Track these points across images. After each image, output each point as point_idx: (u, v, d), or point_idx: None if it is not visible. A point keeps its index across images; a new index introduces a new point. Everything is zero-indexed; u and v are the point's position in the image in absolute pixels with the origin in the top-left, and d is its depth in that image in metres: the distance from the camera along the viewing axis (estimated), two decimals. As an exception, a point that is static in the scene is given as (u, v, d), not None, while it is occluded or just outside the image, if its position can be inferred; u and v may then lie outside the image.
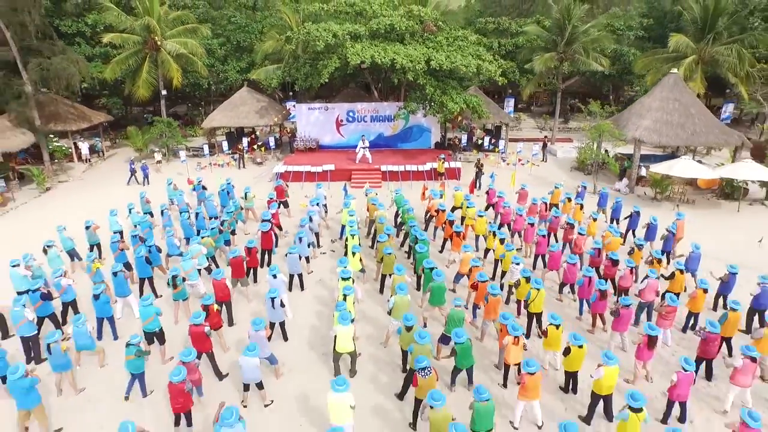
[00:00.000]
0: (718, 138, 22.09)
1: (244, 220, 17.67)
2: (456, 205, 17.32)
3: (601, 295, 10.65)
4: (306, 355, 10.56)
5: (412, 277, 12.86)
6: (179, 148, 28.96)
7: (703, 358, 9.44)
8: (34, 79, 23.45)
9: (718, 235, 17.05)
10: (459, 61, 22.84)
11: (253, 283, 13.30)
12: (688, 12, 30.05)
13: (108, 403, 9.20)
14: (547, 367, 9.93)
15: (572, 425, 6.67)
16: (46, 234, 15.00)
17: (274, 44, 29.09)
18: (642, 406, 7.07)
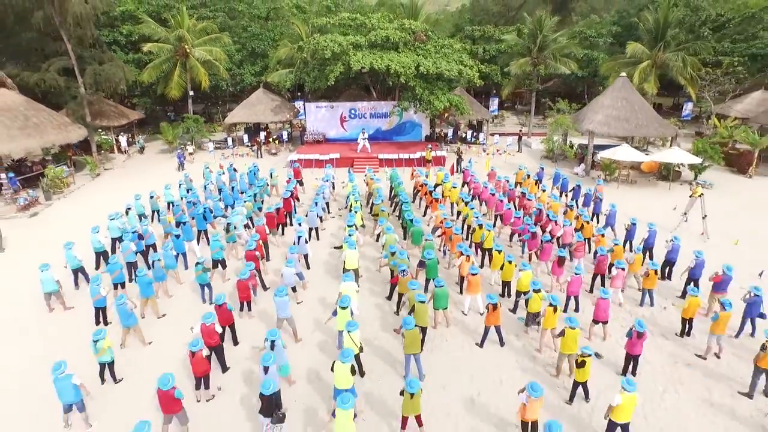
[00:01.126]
0: (656, 130, 26.19)
1: (269, 194, 21.75)
2: (437, 182, 21.35)
3: (533, 236, 14.73)
4: (322, 277, 14.61)
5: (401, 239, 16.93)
6: (203, 141, 33.13)
7: (598, 273, 13.50)
8: (89, 83, 27.53)
9: (646, 205, 21.10)
10: (444, 67, 26.89)
11: (281, 236, 17.39)
12: (644, 23, 34.11)
13: (186, 307, 13.23)
14: (492, 283, 13.97)
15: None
16: (108, 207, 19.02)
17: (286, 51, 33.08)
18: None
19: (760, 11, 37.94)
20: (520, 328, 11.98)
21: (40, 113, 25.05)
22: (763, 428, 8.81)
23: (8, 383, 10.32)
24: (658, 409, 9.34)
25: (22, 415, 9.40)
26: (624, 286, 13.33)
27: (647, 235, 14.99)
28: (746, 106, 34.25)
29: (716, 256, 15.13)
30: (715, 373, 10.38)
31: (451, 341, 11.51)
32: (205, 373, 9.44)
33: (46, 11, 25.26)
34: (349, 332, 9.54)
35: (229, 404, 9.58)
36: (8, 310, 13.29)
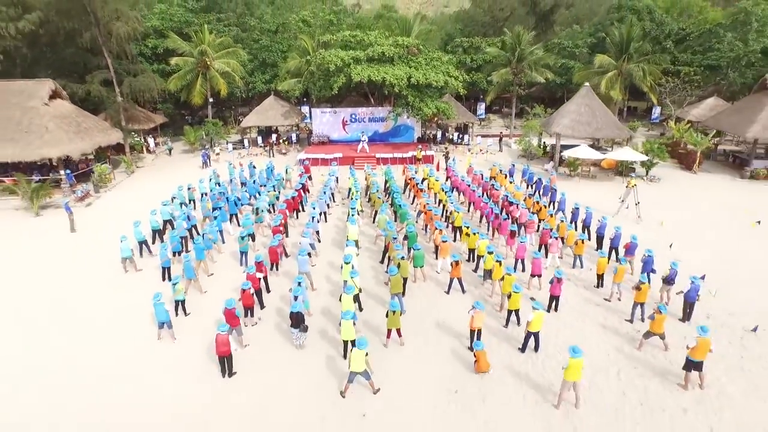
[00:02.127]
0: (613, 133, 30.09)
1: (284, 187, 25.68)
2: (424, 176, 25.25)
3: (495, 217, 18.65)
4: (329, 247, 18.50)
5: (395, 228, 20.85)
6: (221, 142, 37.01)
7: (542, 243, 17.39)
8: (126, 92, 31.43)
9: (599, 195, 24.98)
10: (432, 77, 30.80)
11: (296, 219, 21.31)
12: (611, 38, 38.02)
13: (226, 269, 17.12)
14: (462, 253, 17.85)
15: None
16: (146, 198, 22.95)
17: (295, 63, 36.95)
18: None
19: (716, 26, 41.81)
20: (479, 282, 15.88)
21: (88, 119, 28.98)
22: (633, 339, 12.71)
23: (104, 320, 14.24)
24: (567, 329, 13.24)
25: (121, 336, 13.31)
26: (561, 252, 17.22)
27: (585, 216, 18.93)
28: (701, 111, 38.19)
29: (644, 233, 19.10)
30: (612, 308, 14.30)
31: (426, 290, 15.42)
32: (251, 306, 13.35)
33: (93, 32, 29.16)
34: (352, 278, 13.43)
35: (266, 327, 13.49)
36: (92, 272, 17.20)
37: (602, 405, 10.50)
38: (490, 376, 11.38)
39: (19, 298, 15.57)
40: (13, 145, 24.59)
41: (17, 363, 12.27)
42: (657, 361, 11.94)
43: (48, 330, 13.73)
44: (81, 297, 15.52)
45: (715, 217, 22.21)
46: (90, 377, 11.66)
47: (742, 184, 28.17)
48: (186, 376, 11.64)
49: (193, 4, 42.45)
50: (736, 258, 17.71)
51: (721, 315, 14.00)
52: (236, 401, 10.77)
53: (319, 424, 10.13)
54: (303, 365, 11.93)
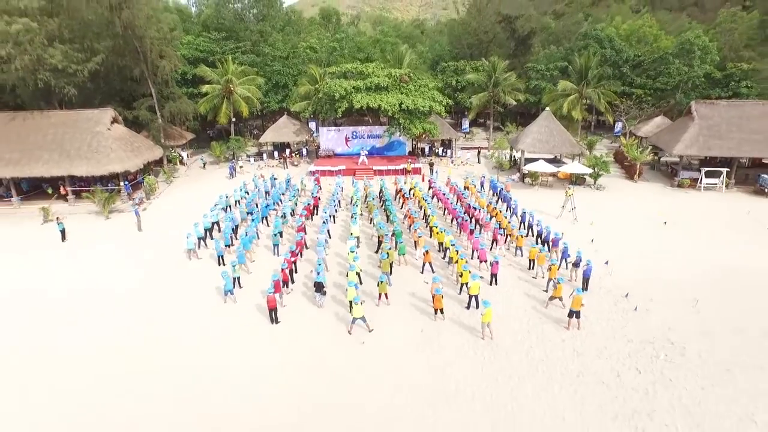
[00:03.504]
0: (567, 150, 36.03)
1: (300, 195, 31.65)
2: (411, 187, 31.21)
3: (462, 219, 24.61)
4: (337, 242, 24.41)
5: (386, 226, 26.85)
6: (240, 155, 42.94)
7: (494, 239, 23.35)
8: (166, 116, 37.38)
9: (550, 201, 30.91)
10: (419, 103, 36.77)
11: (311, 220, 27.27)
12: (572, 65, 44.01)
13: (263, 257, 23.04)
14: (433, 246, 23.76)
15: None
16: (188, 202, 28.93)
17: (305, 88, 42.90)
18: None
19: (666, 54, 47.81)
20: (446, 266, 21.83)
21: (138, 139, 34.96)
22: (543, 301, 18.66)
23: (180, 291, 20.19)
24: (500, 295, 19.18)
25: (195, 302, 19.27)
26: (502, 244, 23.16)
27: (530, 217, 24.98)
28: (649, 128, 44.14)
29: (577, 231, 25.11)
30: (535, 283, 20.27)
31: (407, 270, 21.37)
32: (286, 280, 19.30)
33: (141, 68, 35.12)
34: (355, 260, 19.41)
35: (295, 295, 19.44)
36: (163, 260, 23.14)
37: (516, 336, 16.47)
38: (443, 321, 17.35)
39: (114, 280, 21.54)
40: (86, 162, 30.51)
41: (127, 319, 18.27)
42: (556, 314, 17.90)
43: (142, 300, 19.70)
44: (159, 276, 21.50)
45: (636, 218, 28.15)
46: (177, 328, 17.63)
47: (670, 192, 34.13)
48: (245, 324, 17.61)
49: (216, 35, 48.37)
50: (639, 248, 23.66)
51: (611, 287, 19.95)
52: (279, 337, 16.75)
53: (333, 348, 16.08)
54: (322, 316, 17.90)
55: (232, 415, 13.23)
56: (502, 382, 14.33)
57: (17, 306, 19.38)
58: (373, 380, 14.53)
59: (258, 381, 14.57)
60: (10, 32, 27.12)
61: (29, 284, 21.19)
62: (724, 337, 16.40)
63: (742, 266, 21.58)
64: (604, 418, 12.88)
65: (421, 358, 15.51)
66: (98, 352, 16.16)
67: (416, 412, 13.21)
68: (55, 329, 17.72)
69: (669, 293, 19.34)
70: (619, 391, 13.90)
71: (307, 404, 13.57)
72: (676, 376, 14.52)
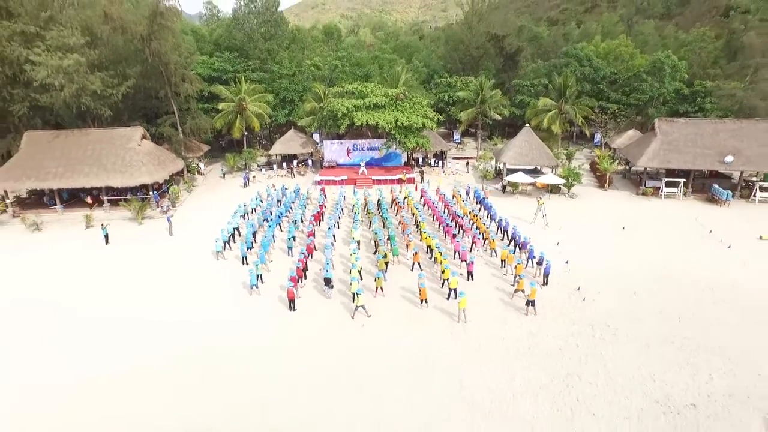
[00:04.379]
0: (545, 161, 40.13)
1: (308, 204, 35.75)
2: (405, 196, 35.29)
3: (447, 226, 28.73)
4: (341, 245, 28.50)
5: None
6: (251, 165, 47.04)
7: (473, 242, 27.48)
8: (187, 131, 41.49)
9: (526, 208, 35.00)
10: (413, 120, 40.89)
11: (318, 226, 31.37)
12: (552, 83, 48.15)
13: (279, 257, 27.14)
14: (422, 248, 27.87)
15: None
16: (209, 209, 33.09)
17: (311, 105, 47.00)
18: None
19: (640, 71, 51.97)
20: (431, 264, 25.92)
21: (163, 153, 39.06)
22: (509, 293, 22.75)
23: (210, 286, 24.29)
24: (473, 287, 23.27)
25: (223, 294, 23.37)
26: (480, 246, 27.25)
27: (505, 223, 29.10)
28: (623, 140, 48.25)
29: (546, 235, 29.22)
30: (505, 279, 24.37)
31: (399, 268, 25.48)
32: (300, 276, 23.41)
33: (166, 89, 39.24)
34: (357, 260, 23.52)
35: (307, 289, 23.54)
36: (194, 260, 27.22)
37: (485, 320, 20.58)
38: (428, 309, 21.45)
39: (155, 276, 25.63)
40: (121, 175, 34.60)
41: (171, 305, 22.38)
42: (519, 303, 21.99)
43: (183, 292, 23.81)
44: (193, 273, 25.60)
45: (600, 223, 32.23)
46: (214, 312, 21.75)
47: (635, 199, 38.20)
48: (267, 311, 21.71)
49: (228, 54, 52.48)
50: (597, 250, 27.76)
51: (567, 282, 24.04)
52: (296, 321, 20.86)
53: (339, 329, 20.18)
54: (330, 305, 22.02)
55: (263, 375, 17.34)
56: (471, 354, 18.45)
57: (86, 289, 23.51)
58: (371, 353, 18.64)
59: (281, 354, 18.69)
60: (63, 66, 31.21)
61: (89, 276, 25.32)
62: (649, 321, 20.53)
63: (678, 264, 25.70)
64: (544, 379, 17.00)
65: (410, 337, 19.61)
66: (159, 322, 20.29)
67: (406, 375, 17.33)
68: (117, 305, 21.82)
69: (614, 287, 23.44)
70: (559, 360, 18.03)
71: (321, 373, 17.66)
72: (606, 350, 18.65)
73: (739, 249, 27.63)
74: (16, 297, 23.68)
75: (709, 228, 30.96)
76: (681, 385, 16.55)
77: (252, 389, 16.76)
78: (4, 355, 19.09)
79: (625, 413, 15.32)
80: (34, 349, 19.45)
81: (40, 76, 31.03)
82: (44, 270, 26.63)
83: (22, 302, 23.12)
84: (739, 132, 37.73)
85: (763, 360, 17.75)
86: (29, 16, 32.71)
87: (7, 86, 34.26)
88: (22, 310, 22.45)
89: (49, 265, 27.26)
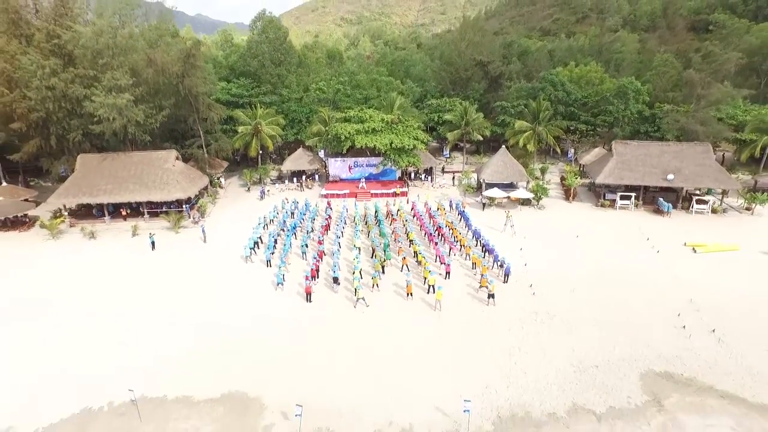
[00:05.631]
0: (518, 178, 46.45)
1: (317, 215, 42.04)
2: (398, 209, 41.55)
3: (431, 235, 35.02)
4: (345, 251, 34.77)
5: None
6: (265, 180, 53.34)
7: (450, 247, 33.76)
8: (212, 152, 47.77)
9: (498, 218, 41.28)
10: (406, 142, 47.20)
11: (326, 235, 37.65)
12: (528, 108, 54.53)
13: (296, 261, 33.43)
14: (410, 253, 34.15)
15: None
16: (234, 218, 39.45)
17: (317, 128, 53.29)
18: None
19: (607, 95, 58.32)
20: (416, 266, 32.19)
21: (192, 171, 45.34)
22: (476, 289, 29.04)
23: (241, 284, 30.56)
24: (448, 284, 29.53)
25: (253, 291, 29.65)
26: (456, 251, 33.51)
27: (478, 233, 35.42)
28: (590, 157, 54.55)
29: (513, 242, 35.51)
30: (475, 278, 30.65)
31: (391, 270, 31.74)
32: (314, 275, 29.68)
33: (194, 116, 45.56)
34: (358, 263, 29.81)
35: (320, 286, 29.80)
36: (226, 263, 33.48)
37: (455, 308, 26.86)
38: (413, 300, 27.70)
39: (199, 276, 31.89)
40: (160, 191, 40.87)
41: (214, 297, 28.68)
42: (482, 296, 28.24)
43: (221, 287, 30.07)
44: (228, 273, 31.85)
45: (560, 232, 38.46)
46: (250, 303, 28.03)
47: (594, 210, 44.47)
48: (291, 302, 28.00)
49: (243, 80, 58.82)
50: (552, 254, 34.02)
51: (524, 281, 30.29)
52: (312, 309, 27.15)
53: (344, 315, 26.46)
54: (337, 297, 28.31)
55: (292, 345, 23.62)
56: (443, 333, 24.74)
57: (146, 288, 29.78)
58: (369, 331, 24.91)
59: (302, 332, 24.97)
60: (117, 104, 37.52)
61: (149, 276, 31.58)
62: (580, 309, 26.81)
63: (615, 266, 31.98)
64: (493, 350, 23.28)
65: (398, 320, 25.90)
66: (208, 312, 26.56)
67: (394, 344, 23.59)
68: (178, 298, 28.06)
69: (560, 284, 29.69)
70: (507, 337, 24.32)
71: (331, 344, 23.92)
72: (542, 329, 24.95)
73: (666, 253, 33.97)
74: (93, 291, 29.95)
75: (647, 236, 37.27)
76: (591, 354, 22.88)
77: (285, 353, 23.05)
78: (112, 324, 25.37)
79: (546, 371, 21.64)
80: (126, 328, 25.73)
81: (100, 112, 37.38)
82: (110, 270, 32.89)
83: (97, 295, 29.40)
84: (680, 153, 44.12)
85: (654, 335, 24.09)
86: (88, 62, 39.05)
87: (66, 118, 40.57)
88: (103, 301, 28.73)
89: (113, 266, 33.52)
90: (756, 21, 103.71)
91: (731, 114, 54.45)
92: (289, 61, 64.47)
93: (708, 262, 32.51)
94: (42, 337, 25.18)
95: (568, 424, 18.79)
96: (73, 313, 27.39)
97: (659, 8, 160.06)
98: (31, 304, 28.33)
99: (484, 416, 19.14)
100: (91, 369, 22.44)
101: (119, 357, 23.32)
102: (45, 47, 39.04)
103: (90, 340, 24.78)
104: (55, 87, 38.18)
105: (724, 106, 55.60)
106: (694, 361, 22.34)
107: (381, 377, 21.41)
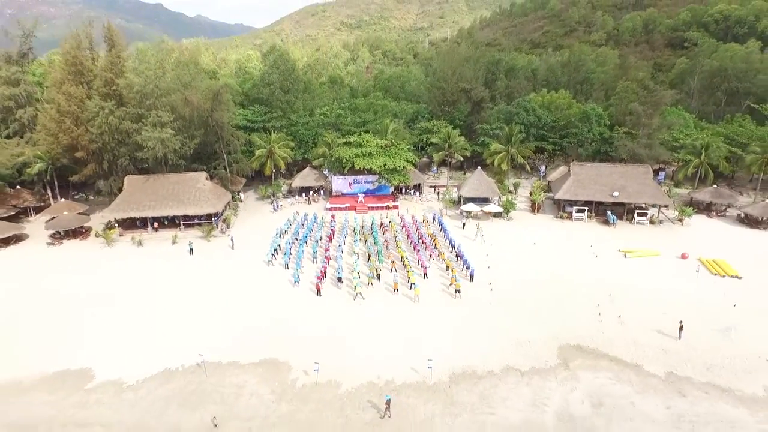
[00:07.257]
0: (491, 194, 54.60)
1: (324, 226, 50.21)
2: (389, 221, 49.67)
3: (415, 243, 43.19)
4: (346, 256, 42.87)
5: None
6: (277, 193, 61.56)
7: (431, 254, 41.94)
8: (234, 171, 55.93)
9: (473, 229, 49.40)
10: (397, 164, 55.41)
11: (331, 243, 45.79)
12: (502, 133, 62.77)
13: (308, 265, 41.57)
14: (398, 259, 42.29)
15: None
16: (255, 228, 47.59)
17: (322, 150, 61.47)
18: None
19: (572, 119, 66.53)
20: (401, 267, 40.30)
21: (218, 189, 53.54)
22: (447, 286, 37.17)
23: (264, 283, 38.75)
24: (429, 284, 37.62)
25: (275, 288, 37.82)
26: (435, 257, 41.65)
27: (453, 241, 43.61)
28: (556, 174, 62.65)
29: (481, 249, 43.67)
30: (447, 277, 38.79)
31: (382, 272, 39.86)
32: (323, 276, 37.82)
33: (219, 143, 53.76)
34: (357, 266, 37.97)
35: (328, 283, 37.91)
36: (251, 265, 41.61)
37: (430, 301, 34.97)
38: (398, 295, 35.79)
39: (232, 276, 40.00)
40: (194, 207, 49.01)
41: (244, 293, 36.82)
42: (452, 291, 36.32)
43: (250, 285, 38.18)
44: (254, 274, 39.97)
45: (522, 240, 46.55)
46: (273, 297, 36.17)
47: (554, 221, 52.56)
48: (304, 297, 36.14)
49: (258, 107, 67.08)
50: (512, 259, 42.11)
51: (485, 280, 38.32)
52: (321, 302, 35.29)
53: (346, 307, 34.61)
54: (341, 292, 36.44)
55: (307, 329, 31.76)
56: (420, 319, 32.87)
57: (192, 286, 37.87)
58: (365, 318, 33.06)
59: (314, 317, 33.11)
60: (161, 137, 45.75)
61: (192, 276, 39.67)
62: (526, 301, 34.90)
63: (559, 268, 40.05)
64: (454, 329, 31.40)
65: (387, 309, 34.03)
66: (243, 305, 34.67)
67: (383, 326, 31.71)
68: (218, 294, 36.14)
69: (514, 282, 37.77)
70: (465, 321, 32.44)
71: (337, 328, 32.04)
72: (492, 314, 33.09)
73: (603, 258, 42.14)
74: (149, 286, 38.03)
75: (590, 243, 45.41)
76: (525, 331, 31.01)
77: (303, 332, 31.17)
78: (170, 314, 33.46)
79: (490, 343, 29.81)
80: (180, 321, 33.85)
81: (148, 144, 45.69)
82: (159, 271, 41.02)
83: (153, 289, 37.51)
84: (625, 173, 52.34)
85: (577, 320, 32.22)
86: (137, 102, 47.33)
87: (117, 147, 48.84)
88: (161, 298, 36.85)
89: (161, 268, 41.65)
90: (724, 41, 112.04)
91: (676, 137, 62.61)
92: (296, 87, 72.66)
93: (633, 265, 40.67)
94: (113, 320, 33.39)
95: (501, 378, 26.93)
96: (136, 304, 35.56)
97: (640, 24, 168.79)
98: (101, 298, 36.47)
99: (443, 372, 27.26)
100: (164, 342, 30.60)
101: (181, 334, 31.47)
102: (102, 91, 47.32)
103: (155, 323, 32.93)
104: (111, 123, 46.44)
105: (675, 128, 63.67)
106: (599, 337, 30.49)
107: (372, 348, 29.56)
